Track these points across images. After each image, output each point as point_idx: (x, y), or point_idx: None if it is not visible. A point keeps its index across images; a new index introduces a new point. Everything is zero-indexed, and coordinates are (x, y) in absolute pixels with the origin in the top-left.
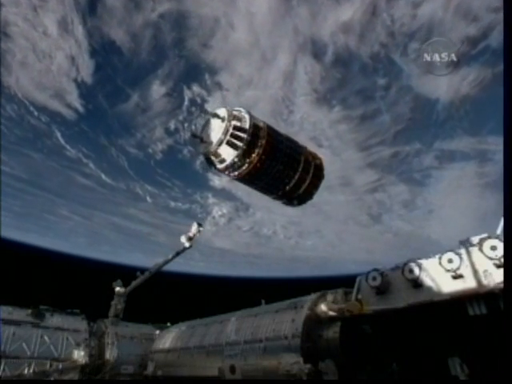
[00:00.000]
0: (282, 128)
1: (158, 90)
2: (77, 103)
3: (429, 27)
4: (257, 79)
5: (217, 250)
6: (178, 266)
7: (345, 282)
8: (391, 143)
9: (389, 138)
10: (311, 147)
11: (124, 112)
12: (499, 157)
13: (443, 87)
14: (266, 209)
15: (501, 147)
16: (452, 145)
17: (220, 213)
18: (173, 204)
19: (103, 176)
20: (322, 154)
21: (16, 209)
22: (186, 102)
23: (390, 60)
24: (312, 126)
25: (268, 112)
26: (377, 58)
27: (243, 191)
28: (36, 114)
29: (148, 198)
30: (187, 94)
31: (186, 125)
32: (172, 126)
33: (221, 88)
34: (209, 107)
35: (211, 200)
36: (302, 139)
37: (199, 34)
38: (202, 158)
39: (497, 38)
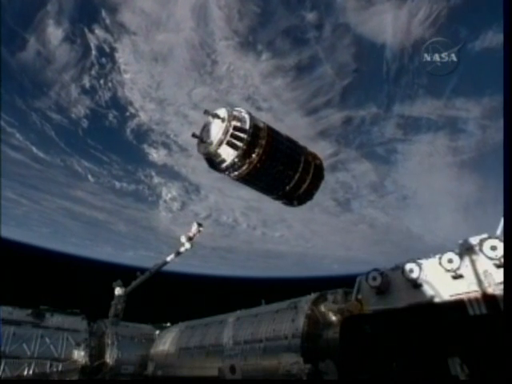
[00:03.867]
0: (209, 85)
1: (54, 32)
2: None
3: None
4: (165, 18)
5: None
6: (178, 266)
7: (345, 282)
8: (340, 105)
9: (336, 98)
10: (248, 109)
11: (27, 63)
12: (471, 127)
13: (388, 28)
14: (217, 191)
15: (472, 114)
16: (414, 109)
17: (170, 195)
18: (118, 184)
19: (34, 149)
20: (263, 119)
21: None
22: (94, 51)
23: None
24: (243, 81)
25: (188, 62)
26: None
27: (187, 168)
28: None
29: (90, 177)
30: (91, 40)
31: (101, 81)
32: (87, 82)
33: (127, 31)
34: (120, 58)
35: (156, 179)
36: (236, 100)
37: None
38: (203, 158)
39: None
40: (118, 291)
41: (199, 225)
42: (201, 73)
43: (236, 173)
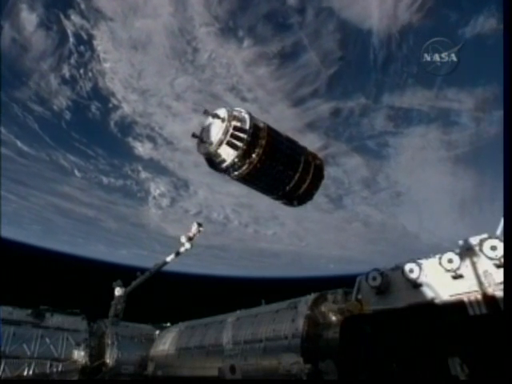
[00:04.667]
0: (191, 74)
1: (29, 18)
2: None
3: None
4: (142, 3)
5: (172, 239)
6: (178, 266)
7: (343, 282)
8: (327, 95)
9: (322, 87)
10: (232, 100)
11: (3, 51)
12: (465, 120)
13: (374, 12)
14: (206, 186)
15: (465, 106)
16: (405, 100)
17: (159, 191)
18: (105, 180)
19: (19, 143)
20: (249, 110)
21: None
22: (71, 38)
23: None
24: (226, 70)
25: (168, 50)
26: None
27: (174, 162)
28: None
29: (76, 172)
30: (68, 27)
31: (81, 71)
32: (66, 72)
33: (104, 17)
34: (98, 45)
35: (144, 174)
36: (220, 91)
37: None
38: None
39: None
40: (117, 291)
41: (199, 225)
42: (182, 61)
43: (236, 173)
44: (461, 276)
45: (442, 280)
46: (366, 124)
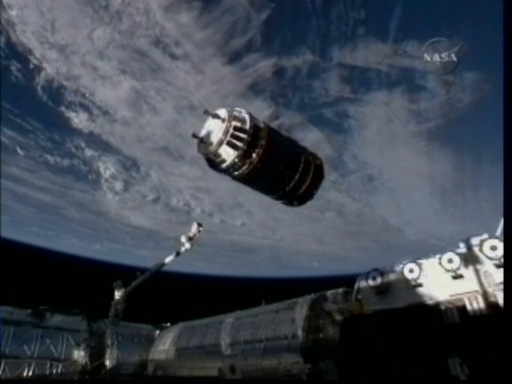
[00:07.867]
0: (109, 25)
1: None
2: None
3: None
4: None
5: (139, 230)
6: (178, 266)
7: (344, 282)
8: (265, 48)
9: (257, 38)
10: (161, 57)
11: None
12: (432, 83)
13: None
14: (158, 166)
15: (430, 65)
16: (358, 56)
17: (109, 172)
18: (51, 159)
19: None
20: (181, 71)
21: None
22: None
23: None
24: (145, 18)
25: None
26: None
27: (115, 137)
28: None
29: (19, 150)
30: None
31: None
32: None
33: None
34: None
35: (88, 152)
36: (144, 45)
37: None
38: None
39: None
40: (117, 291)
41: (199, 225)
42: (95, 8)
43: (236, 173)
44: (461, 276)
45: (442, 280)
46: (317, 87)
